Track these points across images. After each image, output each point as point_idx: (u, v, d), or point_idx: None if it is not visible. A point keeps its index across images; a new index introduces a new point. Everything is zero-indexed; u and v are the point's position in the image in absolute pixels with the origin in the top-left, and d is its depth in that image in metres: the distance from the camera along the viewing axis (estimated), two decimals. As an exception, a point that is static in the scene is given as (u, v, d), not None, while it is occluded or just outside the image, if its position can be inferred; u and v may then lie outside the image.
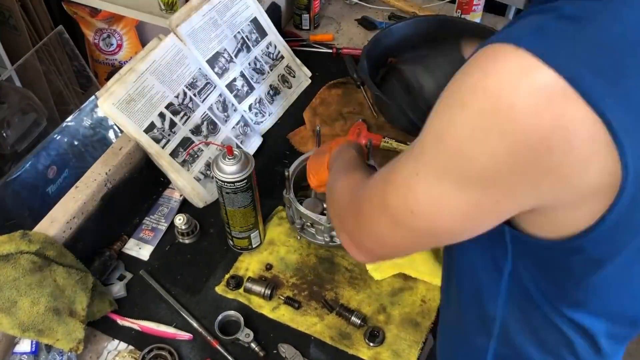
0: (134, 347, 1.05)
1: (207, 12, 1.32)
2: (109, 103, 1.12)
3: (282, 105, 1.47)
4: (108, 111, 1.13)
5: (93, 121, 1.55)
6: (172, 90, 1.21)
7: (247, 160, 1.03)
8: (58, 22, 2.17)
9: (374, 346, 1.04)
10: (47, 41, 1.99)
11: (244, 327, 1.04)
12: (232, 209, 1.07)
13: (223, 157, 1.01)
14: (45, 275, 0.99)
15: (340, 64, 1.57)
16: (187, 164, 1.22)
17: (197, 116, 1.25)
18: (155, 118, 1.18)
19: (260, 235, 1.16)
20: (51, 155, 1.43)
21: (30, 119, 1.77)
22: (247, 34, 1.41)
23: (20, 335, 0.95)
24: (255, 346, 1.03)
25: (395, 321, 1.07)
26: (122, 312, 1.09)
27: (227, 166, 1.01)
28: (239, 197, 1.05)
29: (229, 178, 1.01)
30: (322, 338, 1.05)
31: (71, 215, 1.07)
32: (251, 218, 1.10)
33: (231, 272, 1.15)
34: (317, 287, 1.13)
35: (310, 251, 1.18)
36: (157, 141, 1.18)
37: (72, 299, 1.00)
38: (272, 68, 1.46)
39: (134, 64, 1.16)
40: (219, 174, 1.02)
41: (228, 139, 1.31)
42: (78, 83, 2.14)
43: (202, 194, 1.24)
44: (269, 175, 1.31)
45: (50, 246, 1.01)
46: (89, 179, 1.13)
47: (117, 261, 1.16)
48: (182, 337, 1.05)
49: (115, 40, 2.32)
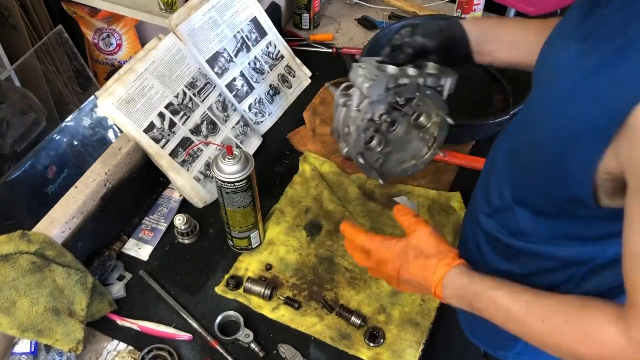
0: (134, 348, 1.04)
1: (207, 12, 1.32)
2: (109, 103, 1.12)
3: (281, 106, 1.47)
4: (107, 111, 1.13)
5: (92, 121, 1.54)
6: (171, 90, 1.21)
7: (247, 160, 1.03)
8: (57, 21, 2.17)
9: (374, 346, 1.04)
10: (46, 41, 1.99)
11: (244, 327, 1.04)
12: (232, 209, 1.07)
13: (223, 157, 1.01)
14: (44, 276, 0.98)
15: (340, 64, 1.57)
16: (187, 163, 1.22)
17: (197, 116, 1.25)
18: (154, 118, 1.18)
19: (260, 235, 1.16)
20: (50, 155, 1.43)
21: (29, 119, 1.76)
22: (246, 34, 1.41)
23: (19, 335, 0.95)
24: (255, 346, 1.03)
25: (395, 321, 1.07)
26: (121, 312, 1.08)
27: (227, 166, 1.01)
28: (239, 197, 1.04)
29: (229, 178, 1.01)
30: (322, 338, 1.05)
31: (70, 215, 1.07)
32: (251, 218, 1.10)
33: (231, 272, 1.14)
34: (316, 287, 1.12)
35: (310, 251, 1.17)
36: (156, 141, 1.18)
37: (72, 299, 1.00)
38: (272, 68, 1.46)
39: (133, 63, 1.16)
40: (218, 174, 1.01)
41: (228, 139, 1.30)
42: (77, 83, 2.14)
43: (202, 193, 1.24)
44: (269, 175, 1.31)
45: (49, 246, 1.01)
46: (88, 178, 1.12)
47: (116, 261, 1.15)
48: (182, 337, 1.05)
49: (115, 39, 2.32)
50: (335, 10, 1.80)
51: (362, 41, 1.68)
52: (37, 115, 1.79)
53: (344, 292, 1.11)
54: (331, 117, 1.42)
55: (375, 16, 1.76)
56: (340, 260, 1.16)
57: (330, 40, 1.68)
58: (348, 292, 1.11)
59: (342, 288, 1.12)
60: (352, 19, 1.76)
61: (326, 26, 1.74)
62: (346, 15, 1.78)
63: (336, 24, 1.75)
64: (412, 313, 1.08)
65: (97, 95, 1.13)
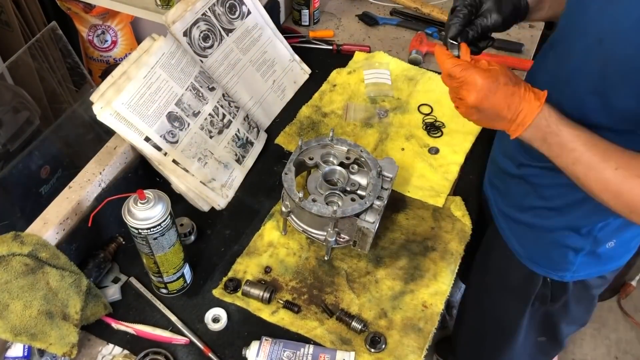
0: (129, 352, 1.03)
1: (201, 8, 1.29)
2: (107, 113, 1.06)
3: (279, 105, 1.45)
4: (108, 121, 1.07)
5: (87, 120, 1.52)
6: (173, 94, 1.15)
7: (158, 194, 0.96)
8: (51, 18, 2.14)
9: (375, 352, 1.01)
10: (40, 38, 1.96)
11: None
12: (162, 254, 1.00)
13: (142, 204, 0.93)
14: (38, 278, 0.97)
15: (340, 60, 1.54)
16: (201, 163, 1.18)
17: (201, 119, 1.21)
18: (158, 124, 1.13)
19: (189, 265, 1.10)
20: (44, 154, 1.41)
21: (22, 118, 1.74)
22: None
23: (12, 339, 0.93)
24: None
25: (397, 326, 1.05)
26: (116, 316, 1.07)
27: (149, 210, 0.93)
28: (167, 237, 0.97)
29: (157, 220, 0.94)
30: (322, 342, 1.03)
31: (64, 216, 1.05)
32: (180, 253, 1.04)
33: (229, 275, 1.12)
34: (316, 291, 1.10)
35: (309, 254, 1.15)
36: (158, 149, 1.14)
37: (66, 302, 0.99)
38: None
39: (127, 66, 1.11)
40: (143, 223, 0.93)
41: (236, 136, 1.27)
42: (72, 80, 2.11)
43: (211, 196, 1.21)
44: (269, 175, 1.29)
45: (43, 248, 0.99)
46: (82, 179, 1.11)
47: (111, 263, 1.13)
48: (178, 341, 1.03)
49: (110, 36, 2.29)
50: (335, 6, 1.78)
51: (362, 38, 1.66)
52: (30, 113, 1.76)
53: (345, 296, 1.09)
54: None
55: (376, 12, 1.74)
56: (339, 264, 1.14)
57: (330, 37, 1.65)
58: (348, 296, 1.09)
59: (342, 291, 1.10)
60: (353, 15, 1.74)
61: (326, 22, 1.72)
62: (347, 11, 1.76)
63: (336, 20, 1.73)
64: (415, 318, 1.06)
65: (92, 101, 1.09)
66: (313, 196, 1.09)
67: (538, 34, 1.69)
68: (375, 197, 1.08)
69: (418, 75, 1.52)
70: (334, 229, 1.08)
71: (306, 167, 1.17)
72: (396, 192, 1.26)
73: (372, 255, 1.15)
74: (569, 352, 2.10)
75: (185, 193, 1.20)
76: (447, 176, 1.29)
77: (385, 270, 1.13)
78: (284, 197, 1.13)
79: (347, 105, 1.44)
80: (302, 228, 1.13)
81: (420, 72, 1.53)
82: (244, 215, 1.23)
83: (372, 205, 1.07)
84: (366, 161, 1.14)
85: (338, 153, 1.17)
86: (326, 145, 1.17)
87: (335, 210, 1.04)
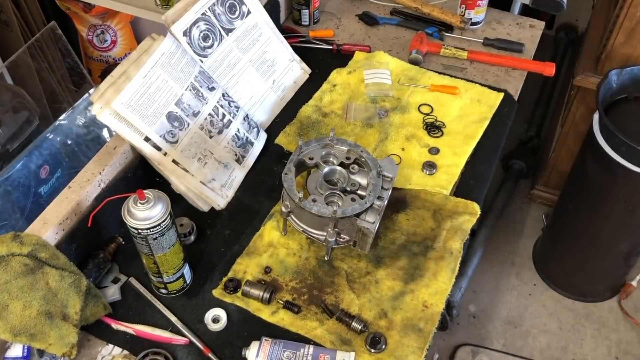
0: (129, 352, 1.03)
1: (202, 8, 1.29)
2: (107, 113, 1.06)
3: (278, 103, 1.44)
4: (108, 122, 1.07)
5: (86, 120, 1.52)
6: (173, 94, 1.15)
7: (158, 194, 0.95)
8: (51, 17, 2.14)
9: (375, 352, 1.01)
10: (39, 37, 1.96)
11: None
12: (162, 254, 1.00)
13: (141, 204, 0.93)
14: (37, 278, 0.97)
15: (340, 60, 1.54)
16: (201, 163, 1.18)
17: (201, 119, 1.21)
18: (158, 124, 1.13)
19: (189, 266, 1.10)
20: (44, 154, 1.40)
21: (22, 118, 1.73)
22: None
23: (11, 339, 0.93)
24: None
25: (397, 327, 1.05)
26: (116, 316, 1.07)
27: (149, 210, 0.93)
28: (167, 237, 0.97)
29: (157, 220, 0.93)
30: (322, 343, 1.03)
31: (64, 216, 1.05)
32: (180, 253, 1.04)
33: (229, 275, 1.12)
34: (316, 291, 1.10)
35: (309, 254, 1.15)
36: (158, 149, 1.14)
37: (65, 303, 0.99)
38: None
39: (127, 66, 1.11)
40: (143, 223, 0.93)
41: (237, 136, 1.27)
42: (71, 80, 2.11)
43: (212, 197, 1.21)
44: (269, 175, 1.29)
45: (42, 248, 0.99)
46: (82, 179, 1.10)
47: (111, 263, 1.13)
48: (178, 341, 1.03)
49: (110, 36, 2.29)
50: (335, 6, 1.78)
51: (362, 38, 1.66)
52: (29, 113, 1.76)
53: (345, 296, 1.09)
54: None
55: (376, 12, 1.74)
56: (339, 264, 1.14)
57: (330, 37, 1.65)
58: (349, 296, 1.09)
59: (342, 292, 1.10)
60: (353, 14, 1.74)
61: (326, 22, 1.72)
62: (347, 11, 1.76)
63: (336, 20, 1.73)
64: (415, 318, 1.06)
65: (92, 101, 1.09)
66: (313, 196, 1.09)
67: (538, 34, 1.69)
68: (376, 197, 1.08)
69: (418, 75, 1.52)
70: (334, 229, 1.08)
71: (306, 167, 1.17)
72: (397, 192, 1.26)
73: (372, 256, 1.15)
74: (569, 352, 2.10)
75: (185, 193, 1.20)
76: (447, 177, 1.29)
77: (386, 270, 1.13)
78: (284, 197, 1.13)
79: (347, 105, 1.44)
80: (302, 228, 1.13)
81: (421, 72, 1.53)
82: (243, 216, 1.22)
83: (372, 206, 1.07)
84: (366, 161, 1.14)
85: (338, 153, 1.16)
86: (326, 145, 1.17)
87: (335, 210, 1.04)
